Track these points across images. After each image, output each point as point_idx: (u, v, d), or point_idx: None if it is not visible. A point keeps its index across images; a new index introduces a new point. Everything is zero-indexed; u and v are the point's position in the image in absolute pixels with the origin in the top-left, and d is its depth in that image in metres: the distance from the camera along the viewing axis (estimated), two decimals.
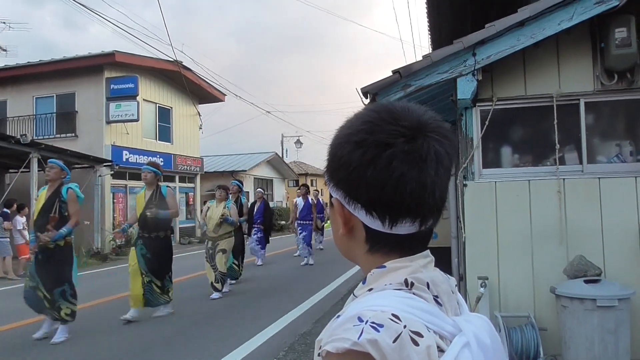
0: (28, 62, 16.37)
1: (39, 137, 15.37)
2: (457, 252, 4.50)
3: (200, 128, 21.56)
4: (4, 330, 5.90)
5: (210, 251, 7.62)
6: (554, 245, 4.14)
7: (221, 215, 7.61)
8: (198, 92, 20.36)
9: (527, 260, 4.19)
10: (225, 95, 21.73)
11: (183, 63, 17.93)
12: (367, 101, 4.16)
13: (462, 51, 3.98)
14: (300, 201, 12.02)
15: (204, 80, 19.85)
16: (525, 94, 4.32)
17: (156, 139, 18.63)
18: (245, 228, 10.46)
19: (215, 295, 7.44)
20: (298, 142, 35.09)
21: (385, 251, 0.70)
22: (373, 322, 0.59)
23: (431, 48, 9.12)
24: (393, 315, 0.60)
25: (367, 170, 0.66)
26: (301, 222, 11.71)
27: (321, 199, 14.85)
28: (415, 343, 0.58)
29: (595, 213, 4.10)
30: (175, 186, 19.89)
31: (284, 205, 29.01)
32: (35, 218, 5.44)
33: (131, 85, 15.89)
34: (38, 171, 13.11)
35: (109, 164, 15.36)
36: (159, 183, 6.41)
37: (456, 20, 7.46)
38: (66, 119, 16.40)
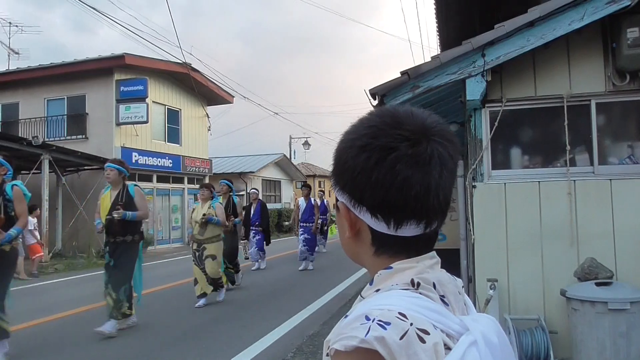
0: (39, 65, 16.57)
1: (50, 139, 15.54)
2: (466, 254, 4.47)
3: (208, 130, 21.66)
4: (14, 330, 5.95)
5: (197, 253, 7.12)
6: (565, 247, 4.10)
7: (203, 214, 7.03)
8: (206, 94, 20.47)
9: (537, 262, 4.15)
10: (233, 96, 21.82)
11: (192, 65, 18.04)
12: (376, 102, 4.15)
13: (472, 52, 3.96)
14: (302, 202, 11.35)
15: (213, 82, 19.96)
16: (535, 95, 4.29)
17: (165, 141, 18.74)
18: (241, 230, 10.00)
19: (221, 296, 7.30)
20: (306, 144, 35.15)
21: (391, 253, 0.71)
22: (380, 320, 0.60)
23: (440, 49, 9.09)
24: (400, 313, 0.61)
25: (372, 174, 0.67)
26: (303, 225, 11.02)
27: (326, 201, 14.31)
28: (422, 340, 0.59)
29: (606, 215, 4.06)
30: (184, 187, 20.01)
31: (292, 206, 29.04)
32: None
33: (141, 87, 16.02)
34: (49, 172, 13.26)
35: None
36: (126, 182, 5.84)
37: (465, 20, 7.42)
38: (77, 121, 16.55)
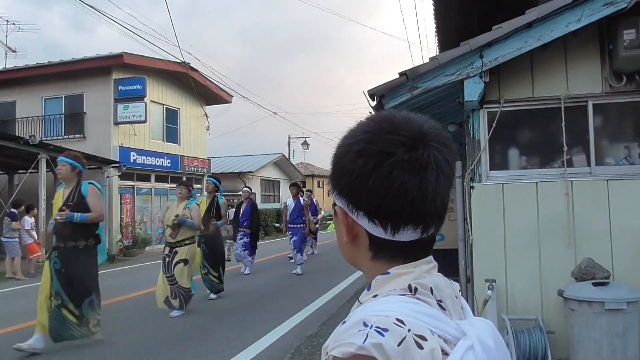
0: (37, 64, 16.52)
1: (48, 138, 15.50)
2: (464, 255, 4.48)
3: (207, 129, 21.63)
4: (12, 331, 5.95)
5: (166, 259, 6.40)
6: (562, 247, 4.12)
7: (175, 215, 6.41)
8: (205, 94, 20.44)
9: (535, 262, 4.17)
10: (232, 96, 21.81)
11: (190, 64, 18.02)
12: (374, 103, 4.16)
13: (470, 53, 3.98)
14: (290, 202, 10.71)
15: (211, 81, 19.93)
16: (532, 96, 4.30)
17: (164, 140, 18.71)
18: (227, 231, 9.75)
19: (175, 313, 6.34)
20: (305, 144, 35.17)
21: (388, 258, 0.71)
22: (378, 327, 0.60)
23: (438, 50, 9.10)
24: (397, 319, 0.61)
25: (369, 179, 0.67)
26: (292, 226, 10.44)
27: (315, 200, 13.68)
28: (419, 346, 0.60)
29: (603, 215, 4.08)
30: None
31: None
32: None
33: (139, 86, 15.98)
34: (46, 172, 13.23)
35: (117, 165, 15.45)
36: (82, 180, 5.13)
37: (463, 21, 7.44)
38: (74, 120, 16.51)
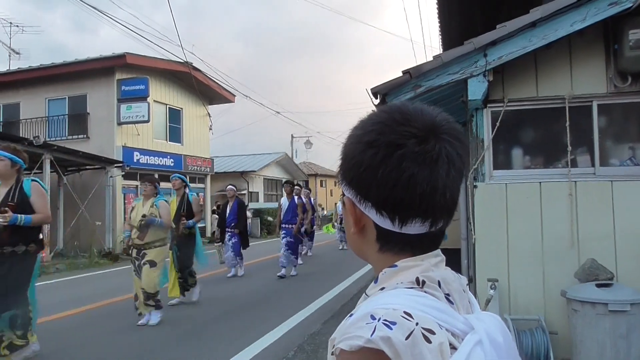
0: (40, 65, 16.57)
1: (52, 139, 15.55)
2: (467, 254, 4.47)
3: (210, 129, 21.68)
4: None
5: (137, 262, 5.97)
6: (565, 248, 4.10)
7: (142, 215, 5.93)
8: (208, 93, 20.48)
9: (538, 263, 4.15)
10: (234, 95, 21.84)
11: (193, 64, 18.05)
12: (377, 101, 4.16)
13: (473, 52, 3.97)
14: (285, 201, 10.10)
15: (214, 81, 19.97)
16: (537, 95, 4.29)
17: (167, 140, 18.76)
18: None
19: (154, 319, 5.96)
20: (308, 143, 35.14)
21: (396, 250, 0.70)
22: (385, 320, 0.60)
23: (442, 48, 9.09)
24: (405, 313, 0.61)
25: (378, 170, 0.67)
26: (285, 226, 9.80)
27: (312, 199, 13.05)
28: (427, 340, 0.59)
29: (607, 216, 4.06)
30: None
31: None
32: None
33: (142, 86, 16.02)
34: (51, 172, 13.27)
35: (120, 165, 15.48)
36: (22, 177, 4.57)
37: (467, 20, 7.43)
38: (78, 121, 16.56)
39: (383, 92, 4.09)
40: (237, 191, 9.99)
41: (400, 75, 4.07)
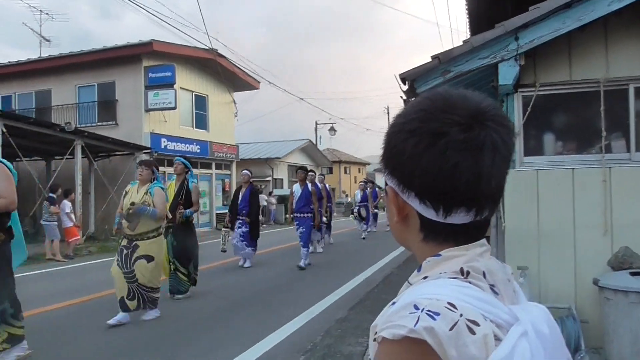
0: (70, 52, 16.91)
1: (82, 125, 15.91)
2: (496, 242, 4.42)
3: (235, 115, 21.83)
4: (51, 309, 6.18)
5: (124, 251, 5.29)
6: (598, 235, 4.02)
7: (131, 203, 5.30)
8: (233, 80, 20.57)
9: (569, 250, 4.08)
10: (259, 82, 21.88)
11: (218, 51, 18.13)
12: (405, 87, 4.11)
13: (504, 35, 3.87)
14: (297, 188, 9.41)
15: (239, 67, 20.03)
16: (570, 79, 4.17)
17: (193, 127, 18.99)
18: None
19: (148, 315, 5.42)
20: (332, 129, 35.05)
21: (439, 240, 0.70)
22: (429, 310, 0.59)
23: (469, 32, 8.88)
24: (449, 303, 0.60)
25: (421, 159, 0.66)
26: (298, 215, 9.26)
27: (328, 185, 12.24)
28: (471, 332, 0.59)
29: None
30: (212, 173, 20.26)
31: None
32: None
33: (168, 73, 16.21)
34: (82, 158, 13.61)
35: (148, 151, 15.76)
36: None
37: (496, 2, 7.23)
38: (107, 107, 16.90)
39: (411, 78, 4.03)
40: (262, 177, 9.95)
41: (429, 60, 4.00)
